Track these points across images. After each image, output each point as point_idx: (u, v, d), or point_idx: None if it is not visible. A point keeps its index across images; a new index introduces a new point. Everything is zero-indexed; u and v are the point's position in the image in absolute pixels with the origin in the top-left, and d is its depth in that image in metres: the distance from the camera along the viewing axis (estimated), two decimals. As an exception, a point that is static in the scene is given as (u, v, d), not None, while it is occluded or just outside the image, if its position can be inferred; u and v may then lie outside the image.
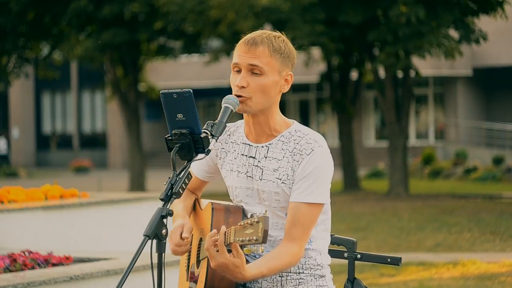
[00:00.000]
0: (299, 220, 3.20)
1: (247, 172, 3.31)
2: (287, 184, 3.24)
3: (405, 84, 21.04)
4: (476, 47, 30.94)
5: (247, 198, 3.33)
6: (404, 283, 9.27)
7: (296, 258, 3.22)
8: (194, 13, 21.30)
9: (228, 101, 3.21)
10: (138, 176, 24.75)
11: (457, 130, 34.45)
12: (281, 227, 3.28)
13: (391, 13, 19.04)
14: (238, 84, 3.22)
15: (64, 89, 43.49)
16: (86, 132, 43.84)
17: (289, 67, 3.27)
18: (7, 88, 32.33)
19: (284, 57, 3.24)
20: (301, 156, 3.22)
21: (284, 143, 3.27)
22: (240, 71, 3.24)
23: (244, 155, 3.33)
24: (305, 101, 37.58)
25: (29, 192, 7.63)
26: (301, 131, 3.29)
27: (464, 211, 16.97)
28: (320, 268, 3.33)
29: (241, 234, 3.00)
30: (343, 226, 14.54)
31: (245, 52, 3.22)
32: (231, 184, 3.38)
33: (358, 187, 23.31)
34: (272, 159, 3.27)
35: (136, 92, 25.06)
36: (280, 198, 3.26)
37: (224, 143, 3.40)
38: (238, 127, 3.42)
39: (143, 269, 5.54)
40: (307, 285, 3.30)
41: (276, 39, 3.25)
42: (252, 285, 3.31)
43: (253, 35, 3.25)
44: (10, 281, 5.14)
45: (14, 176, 34.49)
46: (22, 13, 23.58)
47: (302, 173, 3.22)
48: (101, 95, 41.11)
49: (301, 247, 3.22)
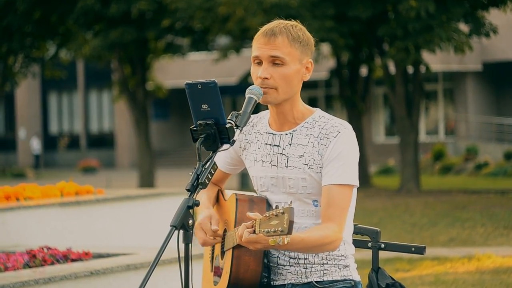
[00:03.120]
0: (334, 201, 3.21)
1: (271, 161, 3.32)
2: (314, 169, 3.24)
3: (416, 80, 20.96)
4: (486, 42, 30.87)
5: (272, 187, 3.32)
6: (419, 277, 9.21)
7: (335, 235, 3.19)
8: (202, 10, 21.25)
9: (252, 92, 3.21)
10: (148, 175, 24.72)
11: (467, 125, 34.35)
12: (307, 215, 3.28)
13: (401, 8, 18.97)
14: (260, 75, 3.23)
15: (71, 88, 43.47)
16: (94, 132, 43.82)
17: (308, 55, 3.29)
18: (14, 88, 32.32)
19: (303, 45, 3.26)
20: (328, 139, 3.24)
21: (309, 129, 3.28)
22: (260, 63, 3.25)
23: (268, 144, 3.34)
24: (314, 98, 37.54)
25: (45, 189, 7.62)
26: (325, 116, 3.31)
27: (476, 206, 16.90)
28: (344, 258, 3.32)
29: (266, 226, 2.98)
30: (355, 222, 14.40)
31: (264, 43, 3.23)
32: (255, 174, 3.38)
33: (369, 184, 23.24)
34: (297, 145, 3.28)
35: (144, 91, 25.02)
36: (307, 184, 3.26)
37: (248, 134, 3.41)
38: (261, 118, 3.42)
39: (162, 263, 5.51)
40: (331, 276, 3.29)
41: (294, 28, 3.26)
42: (277, 277, 3.31)
43: (270, 26, 3.26)
44: (31, 277, 5.15)
45: (21, 177, 34.43)
46: (29, 12, 23.53)
47: (331, 156, 3.23)
48: (108, 95, 41.09)
49: (340, 227, 3.21)
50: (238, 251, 3.23)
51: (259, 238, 3.00)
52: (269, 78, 3.22)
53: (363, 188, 22.27)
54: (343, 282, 3.30)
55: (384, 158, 32.38)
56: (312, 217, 3.29)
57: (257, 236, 3.00)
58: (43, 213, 7.12)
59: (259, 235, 3.00)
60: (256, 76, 3.25)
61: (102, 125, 43.78)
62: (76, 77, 42.71)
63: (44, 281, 5.08)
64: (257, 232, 3.01)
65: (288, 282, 3.31)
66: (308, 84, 41.33)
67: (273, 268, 3.32)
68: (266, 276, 3.30)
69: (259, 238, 3.00)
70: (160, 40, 25.10)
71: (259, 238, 3.00)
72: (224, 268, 3.32)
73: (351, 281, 3.32)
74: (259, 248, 3.05)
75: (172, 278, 5.49)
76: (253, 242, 3.03)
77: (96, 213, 7.52)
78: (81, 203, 7.39)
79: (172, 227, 2.97)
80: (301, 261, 3.29)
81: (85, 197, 7.61)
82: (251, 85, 3.24)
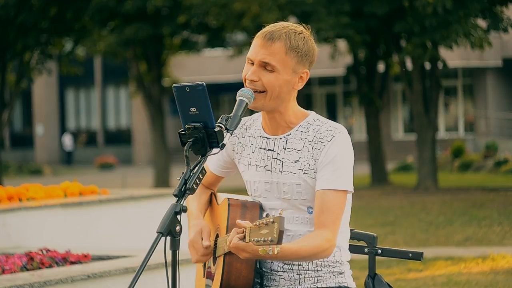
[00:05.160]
0: (328, 207, 3.14)
1: (266, 165, 3.26)
2: (309, 174, 3.18)
3: (433, 76, 20.79)
4: (505, 38, 30.57)
5: (266, 193, 3.27)
6: (432, 278, 9.07)
7: (328, 243, 3.11)
8: (218, 6, 21.19)
9: (243, 94, 3.15)
10: (163, 172, 24.67)
11: (487, 122, 34.09)
12: (301, 222, 3.22)
13: (418, 3, 18.80)
14: (248, 77, 3.17)
15: (88, 85, 43.54)
16: (111, 128, 43.88)
17: (305, 66, 3.19)
18: (30, 84, 32.40)
19: (301, 56, 3.17)
20: (322, 143, 3.17)
21: (303, 133, 3.22)
22: (253, 64, 3.19)
23: (262, 148, 3.28)
24: (332, 94, 37.39)
25: (48, 190, 7.54)
26: (319, 120, 3.24)
27: (494, 204, 16.72)
28: (339, 264, 3.27)
29: (256, 234, 2.92)
30: (370, 220, 14.34)
31: (260, 46, 3.16)
32: (249, 179, 3.32)
33: (386, 181, 23.08)
34: (291, 150, 3.22)
35: (160, 87, 24.98)
36: (301, 190, 3.21)
37: (241, 137, 3.35)
38: (254, 121, 3.36)
39: (155, 267, 5.42)
40: (325, 283, 3.24)
41: (296, 35, 3.16)
42: (270, 284, 3.26)
43: (272, 29, 3.18)
44: (27, 280, 5.08)
45: (38, 174, 34.52)
46: (44, 9, 23.54)
47: (325, 160, 3.16)
48: (125, 91, 41.12)
49: (333, 233, 3.13)
50: (229, 258, 3.18)
51: (248, 247, 2.95)
52: (257, 81, 3.17)
53: (380, 186, 22.15)
54: (337, 289, 3.26)
55: (403, 155, 32.18)
56: (307, 224, 3.22)
57: (247, 245, 2.95)
58: (44, 214, 7.04)
59: (249, 244, 2.94)
60: (245, 76, 3.19)
61: (119, 122, 43.83)
62: (94, 73, 42.77)
63: (39, 285, 5.01)
64: (247, 240, 2.96)
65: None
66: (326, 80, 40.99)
67: (266, 274, 3.27)
68: (258, 283, 3.25)
69: (248, 246, 2.95)
70: (175, 37, 25.04)
71: (248, 247, 2.95)
72: (215, 275, 3.28)
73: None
74: (249, 257, 3.00)
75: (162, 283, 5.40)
76: (241, 250, 2.98)
77: (99, 214, 7.43)
78: (84, 204, 7.31)
79: (158, 234, 2.92)
80: (295, 267, 3.24)
81: (88, 198, 7.53)
82: (242, 88, 3.17)
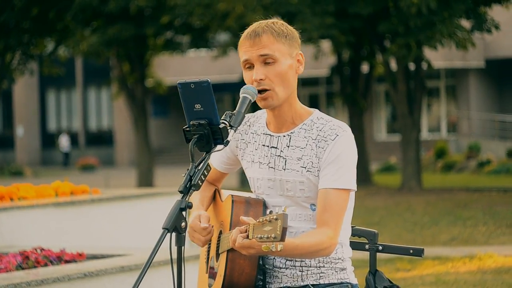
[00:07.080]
0: (330, 206, 3.16)
1: (269, 163, 3.27)
2: (312, 172, 3.19)
3: (418, 77, 20.86)
4: (488, 39, 30.73)
5: (269, 190, 3.28)
6: (420, 277, 9.11)
7: (330, 241, 3.13)
8: (202, 6, 21.16)
9: (246, 91, 3.16)
10: (146, 173, 24.60)
11: (470, 122, 34.25)
12: (304, 219, 3.24)
13: (402, 4, 18.85)
14: (255, 78, 3.18)
15: (69, 86, 43.36)
16: (92, 129, 43.71)
17: (297, 48, 3.25)
18: (11, 85, 32.22)
19: (289, 39, 3.22)
20: (326, 142, 3.19)
21: (307, 131, 3.24)
22: (252, 67, 3.21)
23: (266, 145, 3.29)
24: (314, 95, 37.40)
25: (39, 189, 7.53)
26: (323, 118, 3.26)
27: (478, 204, 16.80)
28: (341, 261, 3.28)
29: (259, 231, 2.93)
30: (356, 221, 14.20)
31: (250, 46, 3.19)
32: (252, 176, 3.33)
33: (370, 182, 23.14)
34: (295, 147, 3.24)
35: (143, 88, 24.91)
36: (304, 188, 3.21)
37: (244, 134, 3.37)
38: (258, 117, 3.38)
39: (158, 265, 5.43)
40: (328, 279, 3.26)
41: (276, 24, 3.24)
42: (272, 280, 3.27)
43: (252, 28, 3.23)
44: (23, 279, 5.08)
45: (19, 175, 34.30)
46: (26, 9, 23.40)
47: (329, 159, 3.18)
48: (107, 92, 40.99)
49: (335, 231, 3.15)
50: (232, 254, 3.20)
51: (252, 244, 2.96)
52: (264, 78, 3.18)
53: (364, 186, 22.17)
54: (340, 285, 3.27)
55: (386, 156, 32.28)
56: (310, 221, 3.24)
57: (250, 242, 2.96)
58: (37, 214, 7.04)
59: (252, 241, 2.95)
60: (251, 80, 3.19)
61: (101, 123, 43.67)
62: (75, 74, 42.60)
63: (36, 283, 5.01)
64: (250, 237, 2.97)
65: (284, 285, 3.27)
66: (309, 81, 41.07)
67: (268, 271, 3.28)
68: (261, 279, 3.27)
69: (252, 243, 2.96)
70: (159, 37, 24.98)
71: (252, 244, 2.96)
72: (218, 271, 3.29)
73: (348, 284, 3.29)
74: (252, 253, 3.01)
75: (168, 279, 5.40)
76: (246, 247, 2.99)
77: (91, 213, 7.44)
78: (76, 203, 7.31)
79: (164, 230, 2.92)
80: (297, 264, 3.25)
81: (80, 197, 7.53)
82: (246, 85, 3.18)
